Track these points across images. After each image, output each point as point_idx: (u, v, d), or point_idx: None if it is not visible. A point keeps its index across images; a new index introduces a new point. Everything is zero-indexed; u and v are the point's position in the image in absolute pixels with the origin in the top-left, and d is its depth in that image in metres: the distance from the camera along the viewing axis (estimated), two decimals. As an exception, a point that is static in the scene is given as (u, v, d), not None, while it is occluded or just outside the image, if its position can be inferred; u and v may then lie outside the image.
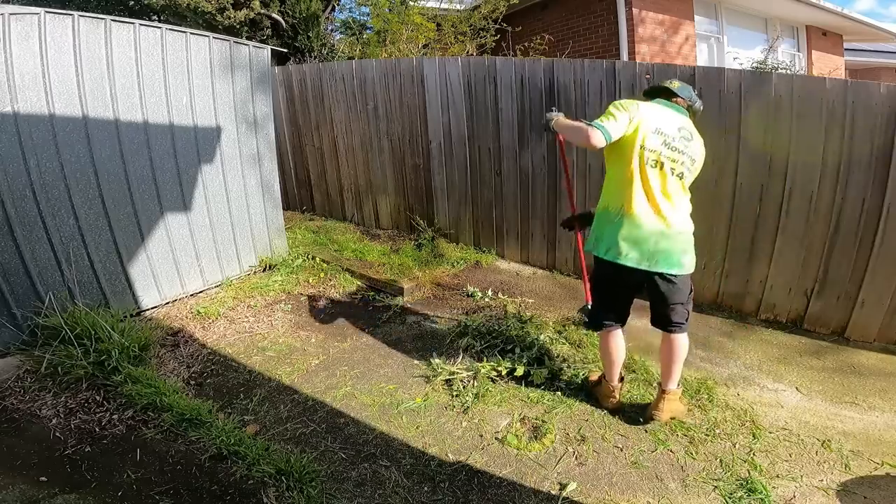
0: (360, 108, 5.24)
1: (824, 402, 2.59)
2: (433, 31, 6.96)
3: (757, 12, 9.21)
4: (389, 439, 2.39)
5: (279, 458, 2.17)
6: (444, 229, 5.00)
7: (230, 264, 4.14)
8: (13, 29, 2.77)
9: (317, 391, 2.78)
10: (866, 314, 3.04)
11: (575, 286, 4.08)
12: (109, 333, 2.89)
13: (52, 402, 2.57)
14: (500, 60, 4.23)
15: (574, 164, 3.94)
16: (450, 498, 2.06)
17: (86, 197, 3.20)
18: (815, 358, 2.98)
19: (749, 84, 3.14)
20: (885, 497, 1.97)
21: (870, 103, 2.79)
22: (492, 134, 4.40)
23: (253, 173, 4.22)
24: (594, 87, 3.75)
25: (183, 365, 3.03)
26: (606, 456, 2.26)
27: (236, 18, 6.05)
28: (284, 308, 3.78)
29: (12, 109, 2.81)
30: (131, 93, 3.33)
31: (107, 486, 2.08)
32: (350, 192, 5.73)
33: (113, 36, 3.17)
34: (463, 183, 4.74)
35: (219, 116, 3.88)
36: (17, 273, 2.94)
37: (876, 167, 2.84)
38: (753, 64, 6.59)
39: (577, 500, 2.03)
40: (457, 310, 3.75)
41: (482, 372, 2.78)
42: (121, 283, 3.44)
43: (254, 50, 4.06)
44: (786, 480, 2.08)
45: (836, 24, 10.45)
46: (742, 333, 3.28)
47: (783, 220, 3.19)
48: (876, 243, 2.92)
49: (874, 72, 14.33)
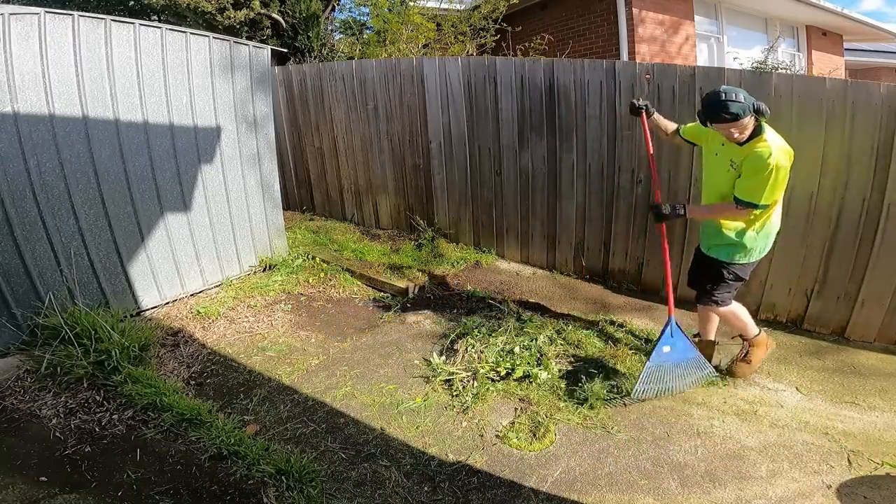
0: (360, 108, 5.24)
1: (824, 402, 2.59)
2: (433, 31, 6.95)
3: (757, 12, 9.21)
4: (389, 439, 2.39)
5: (279, 458, 2.17)
6: (444, 229, 5.00)
7: (230, 264, 4.14)
8: (13, 29, 2.76)
9: (317, 391, 2.78)
10: (866, 314, 3.04)
11: (574, 286, 4.08)
12: (109, 333, 2.89)
13: (52, 402, 2.57)
14: (500, 60, 4.23)
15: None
16: (450, 498, 2.06)
17: (86, 197, 3.20)
18: (815, 358, 2.98)
19: (749, 84, 3.13)
20: (885, 497, 1.97)
21: (870, 103, 2.79)
22: (492, 134, 4.40)
23: (253, 173, 4.22)
24: (594, 87, 3.75)
25: (183, 365, 3.03)
26: (607, 456, 2.26)
27: (236, 18, 6.05)
28: (284, 308, 3.78)
29: (12, 109, 2.81)
30: (131, 93, 3.33)
31: (107, 486, 2.08)
32: (350, 192, 5.73)
33: (113, 36, 3.17)
34: (463, 183, 4.74)
35: (219, 116, 3.88)
36: (17, 273, 2.94)
37: (876, 167, 2.84)
38: (753, 64, 6.59)
39: (577, 499, 2.03)
40: (457, 310, 3.75)
41: (482, 372, 2.79)
42: (121, 282, 3.44)
43: (254, 50, 4.06)
44: (786, 480, 2.08)
45: (836, 24, 10.45)
46: (742, 333, 3.28)
47: (783, 219, 3.18)
48: (876, 243, 2.92)
49: (874, 72, 14.33)
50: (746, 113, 2.22)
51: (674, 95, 3.41)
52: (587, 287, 4.06)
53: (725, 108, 2.21)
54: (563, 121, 3.97)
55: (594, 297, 3.88)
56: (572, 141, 3.97)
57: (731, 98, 2.21)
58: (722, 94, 2.24)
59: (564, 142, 4.01)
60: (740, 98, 2.21)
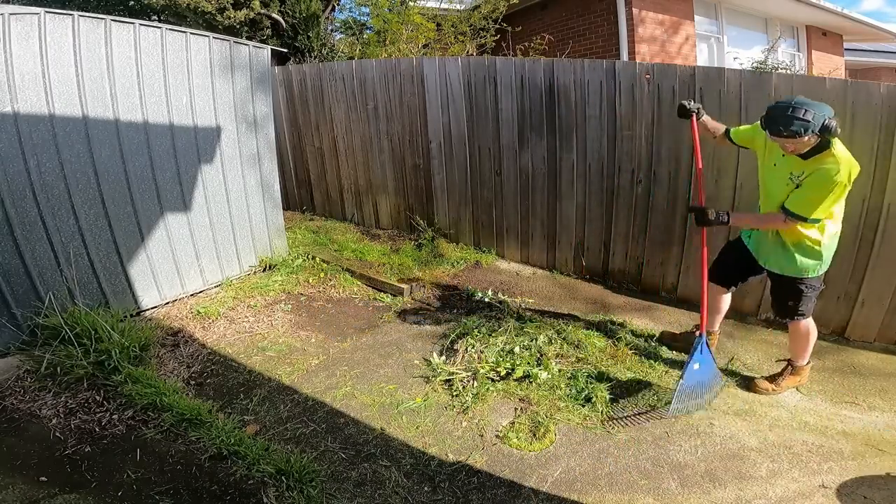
0: (360, 108, 5.24)
1: (824, 402, 2.59)
2: (433, 31, 6.96)
3: (757, 12, 9.21)
4: (389, 439, 2.39)
5: (279, 458, 2.17)
6: (444, 229, 5.00)
7: (230, 264, 4.14)
8: (13, 29, 2.76)
9: (317, 391, 2.78)
10: (866, 314, 3.04)
11: (574, 286, 4.08)
12: (109, 333, 2.89)
13: (52, 402, 2.57)
14: (500, 60, 4.23)
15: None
16: (450, 498, 2.06)
17: (86, 197, 3.20)
18: (815, 358, 2.96)
19: (749, 84, 3.14)
20: (885, 497, 1.98)
21: (870, 103, 2.79)
22: (492, 134, 4.40)
23: (253, 173, 4.22)
24: (594, 87, 3.75)
25: (183, 365, 3.03)
26: (607, 456, 2.26)
27: (236, 18, 6.05)
28: (284, 308, 3.78)
29: (12, 109, 2.81)
30: (131, 93, 3.32)
31: (107, 486, 2.08)
32: (350, 192, 5.73)
33: (113, 36, 3.17)
34: (463, 183, 4.74)
35: (219, 116, 3.88)
36: (17, 273, 2.94)
37: (876, 167, 2.84)
38: (753, 64, 6.58)
39: (577, 499, 2.03)
40: (457, 310, 3.75)
41: (482, 372, 2.79)
42: (121, 282, 3.44)
43: (254, 50, 4.06)
44: (786, 480, 2.08)
45: (836, 24, 10.45)
46: (742, 333, 3.28)
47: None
48: (876, 243, 2.92)
49: (874, 72, 14.33)
50: (809, 132, 2.06)
51: (674, 95, 3.41)
52: (587, 287, 4.06)
53: (786, 123, 2.08)
54: (563, 121, 3.97)
55: (594, 297, 3.88)
56: (572, 141, 3.97)
57: (799, 116, 2.05)
58: (790, 107, 2.08)
59: (564, 142, 4.01)
60: (808, 117, 2.04)
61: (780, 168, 2.34)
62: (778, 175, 2.35)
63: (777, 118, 2.12)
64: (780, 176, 2.34)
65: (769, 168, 2.44)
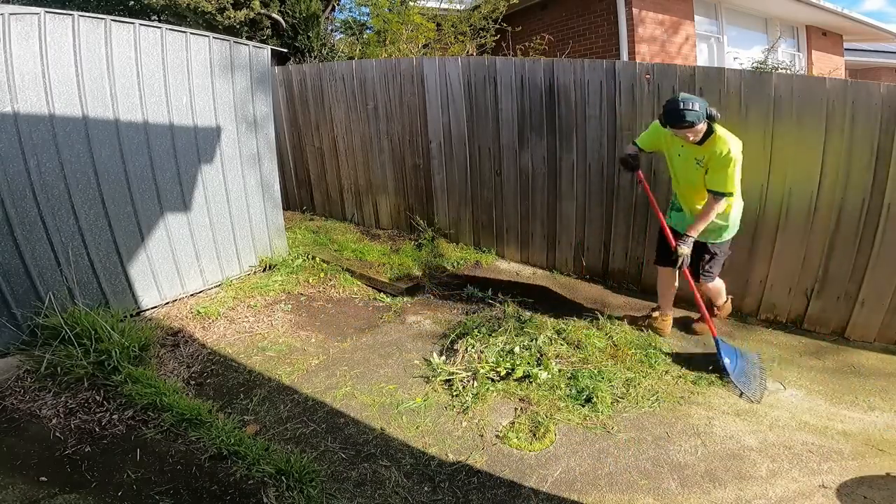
0: (360, 108, 5.24)
1: (824, 402, 2.59)
2: (433, 31, 6.95)
3: (757, 12, 9.21)
4: (389, 439, 2.39)
5: (279, 458, 2.17)
6: (444, 229, 5.00)
7: (230, 264, 4.14)
8: (13, 29, 2.76)
9: (317, 391, 2.78)
10: (866, 314, 3.04)
11: (574, 286, 4.08)
12: (109, 333, 2.89)
13: (52, 402, 2.57)
14: (500, 60, 4.23)
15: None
16: (450, 498, 2.06)
17: (86, 197, 3.20)
18: (815, 358, 2.98)
19: (749, 84, 3.13)
20: (885, 497, 1.97)
21: (870, 103, 2.79)
22: (492, 134, 4.40)
23: (253, 173, 4.22)
24: (594, 87, 3.75)
25: (183, 365, 3.03)
26: (607, 456, 2.26)
27: (236, 18, 6.05)
28: (284, 308, 3.78)
29: (12, 109, 2.81)
30: (131, 93, 3.32)
31: (107, 486, 2.08)
32: (350, 192, 5.73)
33: (113, 36, 3.17)
34: (463, 183, 4.74)
35: (219, 116, 3.88)
36: (17, 273, 2.94)
37: (876, 167, 2.84)
38: (753, 64, 6.58)
39: (577, 499, 2.03)
40: (456, 310, 3.75)
41: (481, 372, 2.79)
42: (121, 282, 3.44)
43: (254, 50, 4.06)
44: (786, 480, 2.08)
45: (836, 24, 10.45)
46: (742, 333, 3.28)
47: (783, 219, 3.19)
48: (876, 243, 2.92)
49: (874, 72, 14.33)
50: (701, 120, 2.55)
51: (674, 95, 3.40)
52: (587, 287, 4.06)
53: (683, 116, 2.52)
54: (563, 121, 3.97)
55: (594, 297, 3.88)
56: (572, 141, 3.97)
57: (689, 107, 2.52)
58: (680, 102, 2.54)
59: (564, 142, 4.01)
60: (696, 107, 2.52)
61: (685, 157, 2.81)
62: (686, 163, 2.82)
63: (675, 113, 2.56)
64: (687, 163, 2.81)
65: (676, 158, 2.89)
